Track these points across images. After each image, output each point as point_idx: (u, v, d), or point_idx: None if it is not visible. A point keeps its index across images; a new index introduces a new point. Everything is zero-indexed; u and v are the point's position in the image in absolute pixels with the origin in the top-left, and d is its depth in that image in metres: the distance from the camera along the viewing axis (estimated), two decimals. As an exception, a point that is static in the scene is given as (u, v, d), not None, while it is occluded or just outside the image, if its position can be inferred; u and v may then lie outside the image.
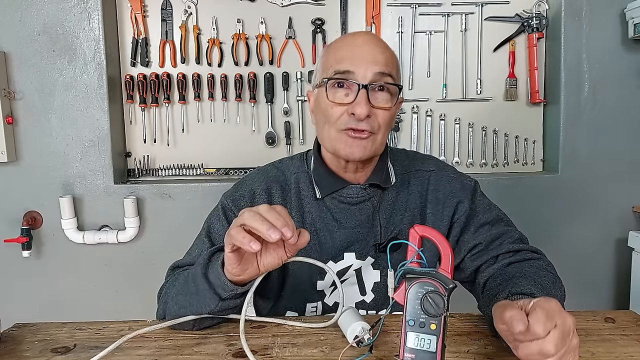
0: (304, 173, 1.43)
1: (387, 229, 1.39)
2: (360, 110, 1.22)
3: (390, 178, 1.41)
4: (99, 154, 2.63)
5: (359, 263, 1.38)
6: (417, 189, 1.43)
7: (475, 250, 1.37)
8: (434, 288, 0.85)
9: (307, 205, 1.39)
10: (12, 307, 2.68)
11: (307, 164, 1.44)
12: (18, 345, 1.12)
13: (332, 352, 1.05)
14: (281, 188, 1.41)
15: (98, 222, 2.68)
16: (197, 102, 2.74)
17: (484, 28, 2.75)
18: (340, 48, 1.31)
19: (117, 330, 1.19)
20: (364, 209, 1.38)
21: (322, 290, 1.40)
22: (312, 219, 1.39)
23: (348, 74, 1.25)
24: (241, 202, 1.38)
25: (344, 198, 1.37)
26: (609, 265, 2.77)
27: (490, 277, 1.31)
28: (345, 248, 1.38)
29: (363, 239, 1.38)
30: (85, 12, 2.57)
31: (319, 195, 1.38)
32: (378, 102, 1.26)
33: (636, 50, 2.63)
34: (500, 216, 1.43)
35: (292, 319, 1.22)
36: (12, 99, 2.59)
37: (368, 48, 1.28)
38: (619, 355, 1.03)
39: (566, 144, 2.66)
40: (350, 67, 1.25)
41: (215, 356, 1.05)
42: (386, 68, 1.26)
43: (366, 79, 1.24)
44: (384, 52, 1.28)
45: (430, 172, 1.45)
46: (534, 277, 1.17)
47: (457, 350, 1.06)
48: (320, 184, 1.38)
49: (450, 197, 1.41)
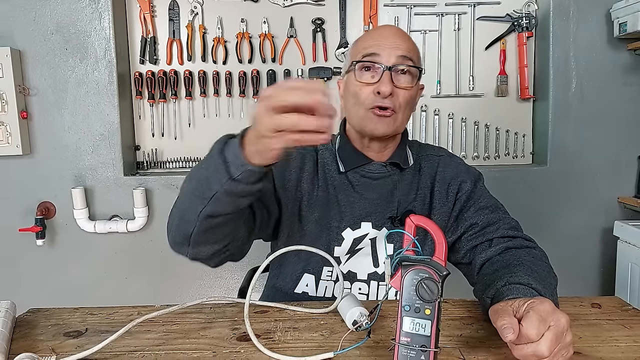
0: (329, 150, 1.49)
1: (403, 206, 1.44)
2: (384, 88, 1.31)
3: (409, 160, 1.48)
4: (109, 147, 2.62)
5: (374, 233, 1.42)
6: (428, 171, 1.49)
7: (472, 230, 1.40)
8: (428, 275, 0.85)
9: (330, 177, 1.46)
10: (27, 293, 2.69)
11: (332, 143, 1.51)
12: (32, 330, 1.11)
13: (332, 336, 1.05)
14: (312, 158, 1.47)
15: (108, 212, 2.68)
16: (202, 98, 2.73)
17: (476, 27, 2.74)
18: (368, 38, 1.42)
19: (126, 315, 1.19)
20: (385, 184, 1.44)
21: (338, 257, 1.42)
22: (335, 190, 1.44)
23: (374, 56, 1.35)
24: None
25: (366, 172, 1.44)
26: (596, 254, 2.77)
27: (487, 261, 1.32)
28: (364, 217, 1.42)
29: (380, 211, 1.42)
30: (97, 12, 2.56)
31: (342, 169, 1.44)
32: (400, 83, 1.35)
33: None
34: (499, 205, 1.47)
35: (294, 304, 1.22)
36: (27, 95, 2.58)
37: (392, 37, 1.38)
38: (605, 339, 1.03)
39: (554, 137, 2.66)
40: (376, 51, 1.35)
41: (220, 339, 1.04)
42: (408, 53, 1.36)
43: (390, 61, 1.34)
44: (406, 41, 1.39)
45: (440, 157, 1.53)
46: (531, 266, 1.18)
47: (451, 334, 1.06)
48: (344, 159, 1.45)
49: (456, 177, 1.47)
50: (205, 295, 1.23)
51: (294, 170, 1.43)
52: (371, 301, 1.38)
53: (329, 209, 1.43)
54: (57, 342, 1.05)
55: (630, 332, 1.06)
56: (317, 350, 0.98)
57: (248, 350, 0.99)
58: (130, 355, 0.98)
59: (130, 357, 0.97)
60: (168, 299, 2.36)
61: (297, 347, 1.00)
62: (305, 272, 1.43)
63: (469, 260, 1.38)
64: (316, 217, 1.43)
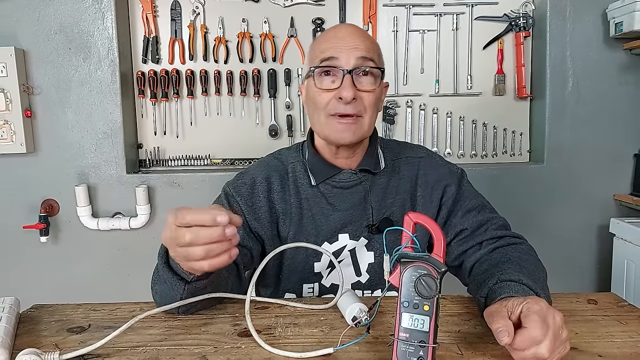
0: (300, 162, 1.44)
1: (379, 212, 1.39)
2: (346, 93, 1.24)
3: (380, 163, 1.43)
4: (112, 146, 2.62)
5: (352, 243, 1.39)
6: (408, 174, 1.44)
7: (461, 235, 1.37)
8: (427, 272, 0.85)
9: (303, 192, 1.40)
10: (31, 290, 2.68)
11: (303, 153, 1.46)
12: (36, 325, 1.12)
13: (332, 332, 1.05)
14: (280, 177, 1.42)
15: (111, 210, 2.68)
16: (204, 97, 2.73)
17: (474, 27, 2.74)
18: (324, 40, 1.33)
19: (129, 311, 1.19)
20: (356, 192, 1.39)
21: (319, 272, 1.40)
22: (309, 204, 1.39)
23: (333, 60, 1.27)
24: (242, 189, 1.40)
25: (337, 183, 1.39)
26: (592, 250, 2.77)
27: (476, 262, 1.32)
28: (340, 229, 1.38)
29: (356, 220, 1.38)
30: (100, 12, 2.56)
31: (314, 183, 1.39)
32: (363, 86, 1.28)
33: (617, 48, 2.62)
34: (485, 203, 1.44)
35: (294, 301, 1.22)
36: (30, 93, 2.58)
37: (350, 37, 1.30)
38: (601, 335, 1.03)
39: (551, 136, 2.66)
40: (335, 54, 1.27)
41: (221, 335, 1.05)
42: (367, 53, 1.28)
43: (349, 64, 1.26)
44: (365, 40, 1.31)
45: (420, 159, 1.47)
46: (519, 262, 1.18)
47: (449, 330, 1.06)
48: (314, 171, 1.40)
49: (439, 180, 1.43)
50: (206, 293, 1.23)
51: (262, 195, 1.39)
52: (370, 297, 1.38)
53: (305, 225, 1.39)
54: (60, 337, 1.05)
55: (626, 327, 1.06)
56: (317, 345, 0.98)
57: (249, 345, 1.00)
58: (132, 350, 0.98)
59: (132, 353, 0.97)
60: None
61: (298, 343, 1.00)
62: (286, 293, 1.43)
63: (459, 263, 1.37)
64: (292, 234, 1.39)
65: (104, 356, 0.96)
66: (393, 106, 2.75)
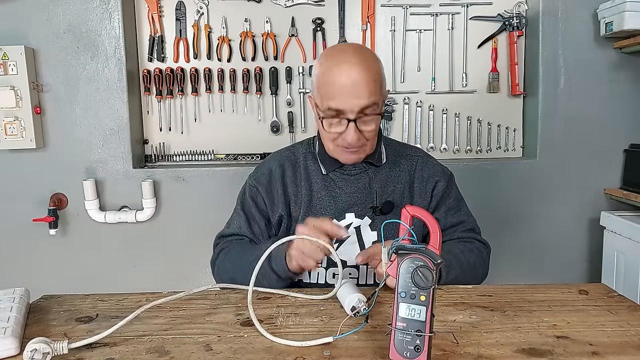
0: (311, 153, 1.59)
1: (382, 196, 1.52)
2: (350, 138, 1.37)
3: (382, 158, 1.57)
4: (119, 141, 2.62)
5: (357, 221, 1.51)
6: (407, 168, 1.59)
7: None
8: (423, 263, 0.85)
9: (314, 178, 1.55)
10: (40, 281, 2.69)
11: (313, 146, 1.60)
12: (45, 315, 1.12)
13: (331, 321, 1.05)
14: (292, 164, 1.58)
15: (118, 203, 2.68)
16: (208, 94, 2.72)
17: (469, 27, 2.73)
18: (330, 85, 1.36)
19: (135, 301, 1.19)
20: (361, 178, 1.53)
21: None
22: (319, 187, 1.54)
23: (338, 112, 1.35)
24: (262, 179, 1.58)
25: (344, 171, 1.53)
26: (583, 243, 2.76)
27: None
28: (347, 209, 1.52)
29: (361, 202, 1.52)
30: (107, 12, 2.55)
31: (324, 172, 1.54)
32: (366, 126, 1.38)
33: (607, 47, 2.61)
34: (462, 207, 1.61)
35: (295, 291, 1.22)
36: (40, 91, 2.57)
37: (352, 86, 1.33)
38: (592, 324, 1.03)
39: (544, 132, 2.65)
40: (339, 106, 1.34)
41: (225, 324, 1.05)
42: (369, 99, 1.34)
43: (353, 113, 1.34)
44: (368, 84, 1.33)
45: (418, 157, 1.62)
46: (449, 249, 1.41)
47: (445, 319, 1.06)
48: (324, 162, 1.54)
49: (432, 176, 1.58)
50: (210, 283, 1.23)
51: (278, 180, 1.55)
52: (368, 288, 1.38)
53: (314, 205, 1.53)
54: (69, 327, 1.05)
55: (616, 317, 1.06)
56: (317, 334, 0.98)
57: (251, 334, 0.99)
58: (138, 339, 0.98)
59: (138, 342, 0.97)
60: (175, 285, 2.35)
61: (298, 332, 1.00)
62: None
63: None
64: (302, 213, 1.52)
65: (111, 345, 0.96)
66: (390, 103, 2.74)
